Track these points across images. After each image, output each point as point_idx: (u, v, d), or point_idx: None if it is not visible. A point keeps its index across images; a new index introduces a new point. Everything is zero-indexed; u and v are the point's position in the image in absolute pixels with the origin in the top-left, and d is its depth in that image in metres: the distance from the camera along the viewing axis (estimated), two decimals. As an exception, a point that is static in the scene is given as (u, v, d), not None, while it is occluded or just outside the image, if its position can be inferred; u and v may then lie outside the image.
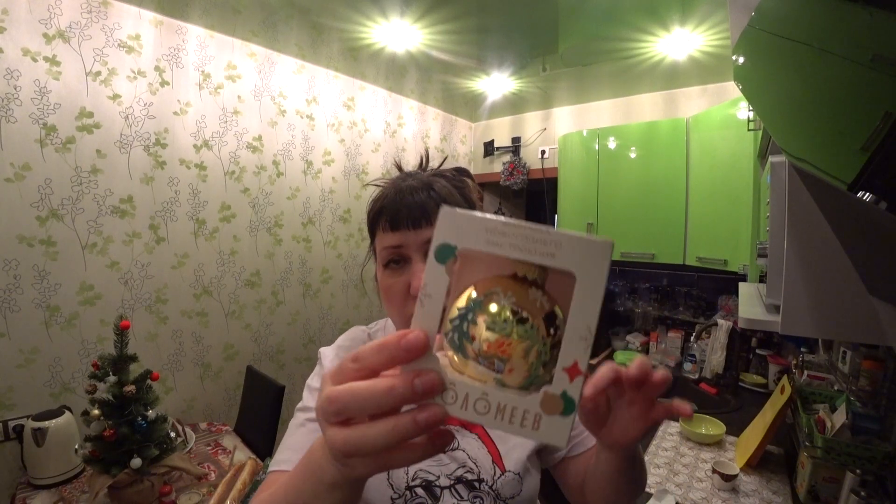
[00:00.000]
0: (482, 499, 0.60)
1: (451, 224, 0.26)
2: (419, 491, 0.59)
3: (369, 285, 0.67)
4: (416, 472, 0.60)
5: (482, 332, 0.27)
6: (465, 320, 0.28)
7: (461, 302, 0.29)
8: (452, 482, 0.60)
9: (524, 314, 0.27)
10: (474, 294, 0.29)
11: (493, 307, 0.27)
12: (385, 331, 0.70)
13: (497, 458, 0.62)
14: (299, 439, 0.57)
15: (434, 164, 0.70)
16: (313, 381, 0.65)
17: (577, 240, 0.25)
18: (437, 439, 0.27)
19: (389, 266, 0.56)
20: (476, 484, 0.60)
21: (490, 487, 0.60)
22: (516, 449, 0.63)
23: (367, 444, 0.25)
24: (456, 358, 0.28)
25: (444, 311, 0.28)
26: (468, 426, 0.64)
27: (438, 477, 0.60)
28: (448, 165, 0.69)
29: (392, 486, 0.59)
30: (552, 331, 0.28)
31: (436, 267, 0.26)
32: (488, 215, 0.26)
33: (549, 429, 0.26)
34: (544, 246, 0.25)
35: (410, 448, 0.27)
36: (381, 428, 0.25)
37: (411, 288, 0.54)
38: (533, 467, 0.65)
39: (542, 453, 0.67)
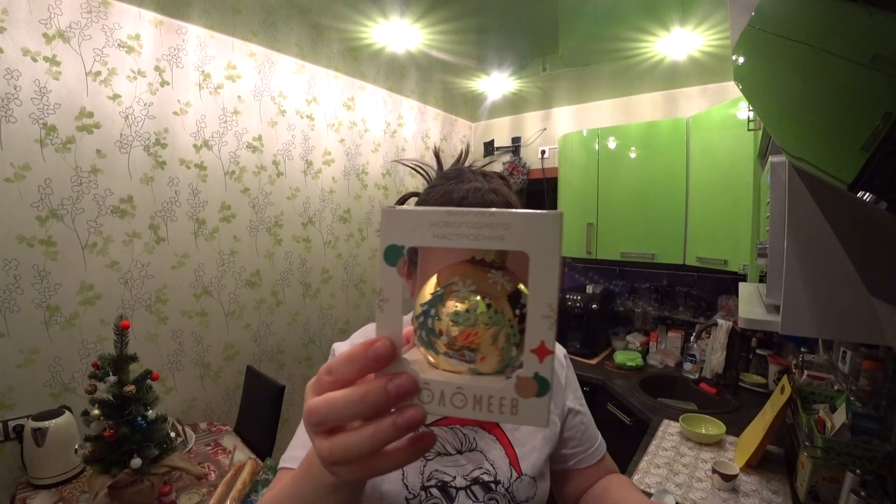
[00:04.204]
0: (497, 501, 0.59)
1: (395, 224, 0.26)
2: (434, 491, 0.59)
3: (370, 286, 0.68)
4: (431, 473, 0.59)
5: (447, 325, 0.27)
6: (429, 316, 0.28)
7: (424, 297, 0.28)
8: (468, 483, 0.60)
9: (486, 300, 0.27)
10: (435, 286, 0.28)
11: (454, 298, 0.27)
12: None
13: (514, 461, 0.62)
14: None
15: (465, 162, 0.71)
16: None
17: (523, 217, 0.24)
18: (419, 442, 0.27)
19: None
20: (492, 486, 0.60)
21: (506, 490, 0.60)
22: (534, 452, 0.63)
23: (352, 451, 0.26)
24: (429, 355, 0.28)
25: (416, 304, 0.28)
26: (487, 427, 0.63)
27: (454, 478, 0.59)
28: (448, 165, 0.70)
29: (407, 486, 0.58)
30: (518, 311, 0.27)
31: (388, 270, 0.26)
32: (431, 208, 0.26)
33: (528, 411, 0.25)
34: (492, 230, 0.25)
35: (394, 453, 0.27)
36: (362, 434, 0.25)
37: None
38: (547, 471, 0.65)
39: (551, 458, 0.67)
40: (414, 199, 0.69)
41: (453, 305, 0.27)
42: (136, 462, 1.22)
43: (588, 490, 0.69)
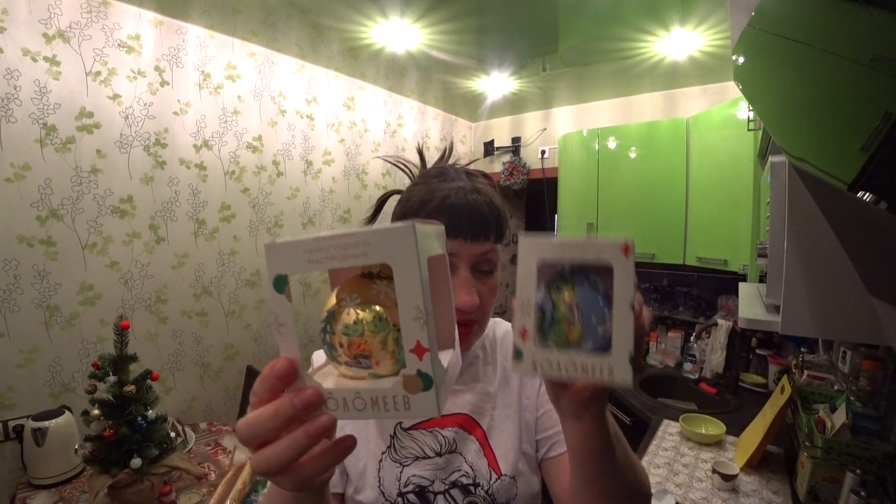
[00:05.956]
0: (477, 503, 0.59)
1: (277, 257, 0.28)
2: (411, 497, 0.58)
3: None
4: (409, 478, 0.59)
5: (340, 338, 0.30)
6: (326, 332, 0.31)
7: (321, 316, 0.32)
8: (447, 487, 0.59)
9: (370, 310, 0.30)
10: (329, 304, 0.32)
11: (343, 313, 0.31)
12: None
13: (493, 462, 0.61)
14: None
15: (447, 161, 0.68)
16: None
17: (380, 233, 0.26)
18: (338, 446, 0.30)
19: None
20: (472, 488, 0.59)
21: (486, 492, 0.59)
22: (511, 452, 0.62)
23: (274, 461, 0.28)
24: (335, 366, 0.32)
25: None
26: (468, 429, 0.63)
27: (433, 482, 0.59)
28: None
29: (384, 493, 0.58)
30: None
31: (277, 297, 0.29)
32: (305, 237, 0.28)
33: (418, 405, 0.28)
34: (356, 248, 0.27)
35: (317, 458, 0.30)
36: (280, 445, 0.28)
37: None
38: (526, 468, 0.63)
39: (529, 456, 0.64)
40: (395, 197, 0.68)
41: (342, 320, 0.30)
42: (136, 462, 1.22)
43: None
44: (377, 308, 0.30)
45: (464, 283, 0.54)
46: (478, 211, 0.55)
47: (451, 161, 0.68)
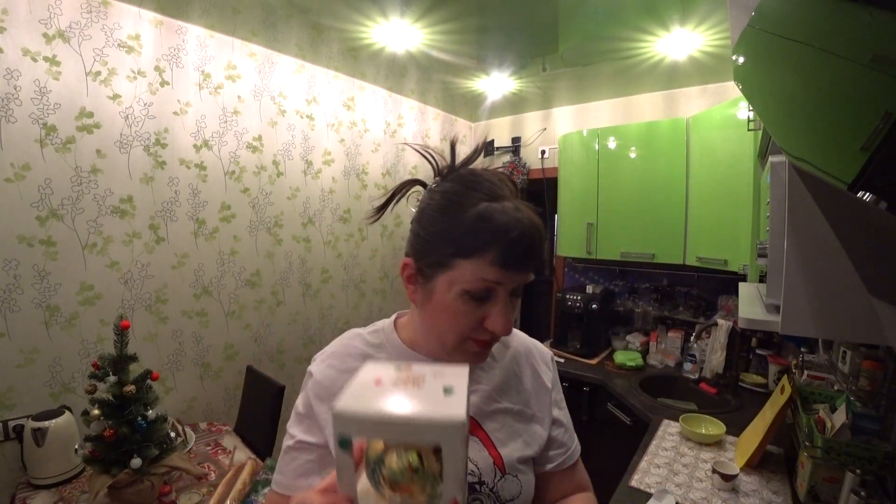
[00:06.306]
0: (482, 501, 0.59)
1: (347, 422, 0.35)
2: None
3: (370, 286, 0.67)
4: None
5: (388, 481, 0.37)
6: (375, 472, 0.38)
7: (372, 452, 0.39)
8: None
9: (415, 461, 0.37)
10: (380, 447, 0.38)
11: (391, 461, 0.37)
12: (388, 343, 0.66)
13: (498, 461, 0.62)
14: (288, 463, 0.62)
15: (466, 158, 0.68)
16: (300, 404, 0.64)
17: (435, 425, 0.34)
18: None
19: (471, 295, 0.54)
20: (477, 486, 0.60)
21: (490, 490, 0.60)
22: (515, 452, 0.64)
23: None
24: (378, 495, 0.39)
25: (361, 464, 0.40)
26: (470, 429, 0.63)
27: None
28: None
29: None
30: (440, 462, 0.36)
31: (341, 454, 0.36)
32: (371, 413, 0.35)
33: None
34: (416, 430, 0.35)
35: None
36: None
37: (487, 322, 0.55)
38: (527, 469, 0.65)
39: (535, 459, 0.67)
40: (413, 190, 0.67)
41: (390, 465, 0.37)
42: (136, 462, 1.22)
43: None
44: (419, 458, 0.37)
45: (503, 311, 0.55)
46: (531, 245, 0.53)
47: (497, 167, 0.67)
